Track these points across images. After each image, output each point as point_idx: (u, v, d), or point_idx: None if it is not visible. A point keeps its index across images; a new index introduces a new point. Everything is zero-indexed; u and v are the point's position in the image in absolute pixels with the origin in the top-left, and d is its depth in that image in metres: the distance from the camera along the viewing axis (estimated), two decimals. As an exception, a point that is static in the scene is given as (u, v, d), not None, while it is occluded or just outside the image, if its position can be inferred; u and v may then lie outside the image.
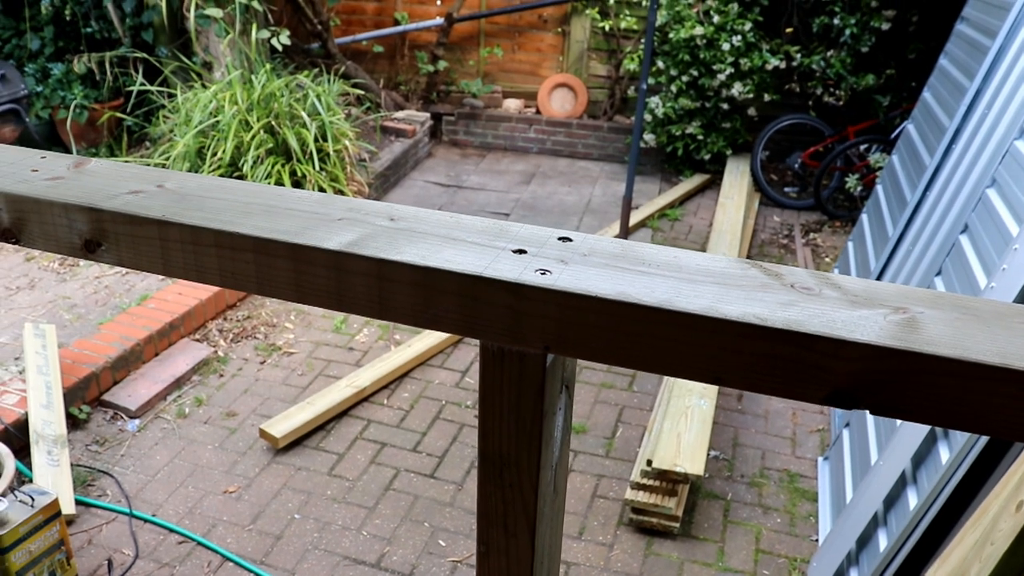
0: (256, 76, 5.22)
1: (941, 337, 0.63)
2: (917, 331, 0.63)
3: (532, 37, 7.43)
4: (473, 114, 7.43)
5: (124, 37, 6.02)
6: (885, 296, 0.68)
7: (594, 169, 7.13)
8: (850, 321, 0.64)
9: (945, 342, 0.62)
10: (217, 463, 3.43)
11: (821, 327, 0.63)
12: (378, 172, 6.05)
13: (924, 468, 2.53)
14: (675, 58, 6.40)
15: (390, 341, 4.33)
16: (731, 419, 3.82)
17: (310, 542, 3.07)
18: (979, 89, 3.49)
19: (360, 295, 0.71)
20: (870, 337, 0.62)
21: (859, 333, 0.62)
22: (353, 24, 7.62)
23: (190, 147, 4.98)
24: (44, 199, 0.83)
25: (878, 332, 0.63)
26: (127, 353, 3.86)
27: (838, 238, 5.82)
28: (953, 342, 0.62)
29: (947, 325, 0.65)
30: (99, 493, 3.26)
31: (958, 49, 4.15)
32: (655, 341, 0.65)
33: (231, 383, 3.94)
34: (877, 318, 0.65)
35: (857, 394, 0.63)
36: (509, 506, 0.77)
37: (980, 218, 2.89)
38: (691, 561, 3.06)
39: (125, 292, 4.50)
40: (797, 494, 3.39)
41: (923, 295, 0.69)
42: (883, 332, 0.63)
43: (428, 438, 3.65)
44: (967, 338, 0.63)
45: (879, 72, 6.08)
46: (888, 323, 0.64)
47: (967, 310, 0.68)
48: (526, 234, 0.75)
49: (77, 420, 3.59)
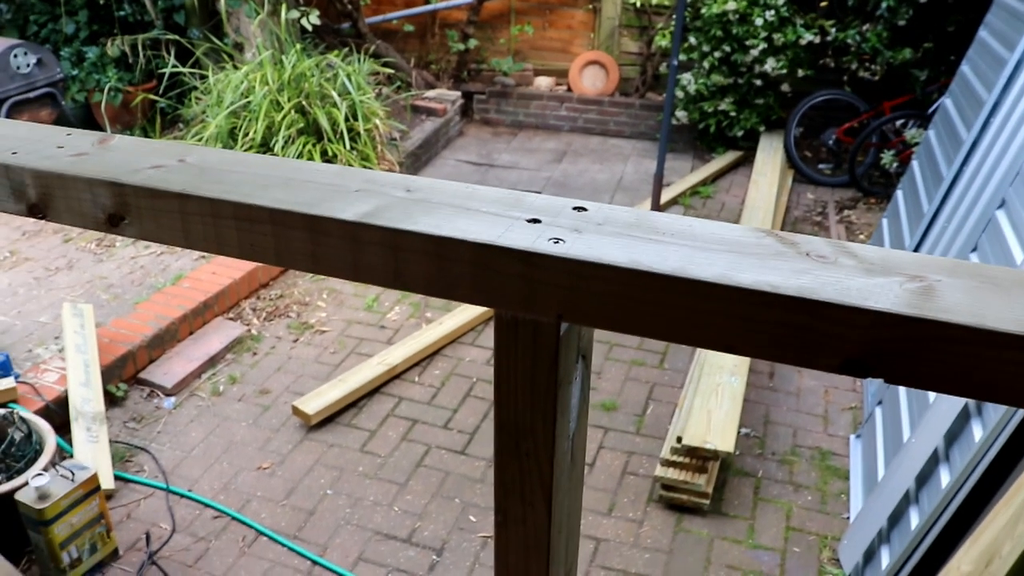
0: (286, 56, 5.24)
1: (957, 305, 0.62)
2: (933, 299, 0.63)
3: (563, 14, 7.37)
4: (504, 92, 7.40)
5: (156, 19, 6.07)
6: (902, 264, 0.68)
7: (626, 147, 7.09)
8: (864, 289, 0.63)
9: (961, 310, 0.62)
10: (251, 440, 3.49)
11: (834, 295, 0.62)
12: (409, 151, 6.07)
13: (957, 446, 2.51)
14: (707, 34, 6.32)
15: (421, 319, 4.36)
16: (762, 396, 3.80)
17: (342, 517, 3.11)
18: (1019, 61, 3.42)
19: (375, 265, 0.72)
20: (884, 305, 0.61)
21: (873, 301, 0.62)
22: (383, 3, 7.61)
23: (222, 128, 5.02)
24: (69, 174, 0.84)
25: (893, 300, 0.62)
26: (162, 332, 3.92)
27: (873, 215, 5.75)
28: (970, 310, 0.62)
29: (964, 293, 0.64)
30: (137, 469, 3.32)
31: (999, 20, 4.06)
32: (667, 310, 0.65)
33: (264, 361, 3.99)
34: (892, 286, 0.64)
35: (871, 362, 0.63)
36: (525, 476, 0.78)
37: (1018, 192, 2.83)
38: (721, 538, 3.06)
39: (160, 272, 4.57)
40: (828, 472, 3.37)
41: (942, 263, 0.68)
42: (898, 300, 0.62)
43: (459, 415, 3.68)
44: (984, 306, 0.62)
45: (916, 46, 5.96)
46: (904, 291, 0.63)
47: (986, 278, 0.67)
48: (541, 204, 0.75)
49: (115, 397, 3.66)
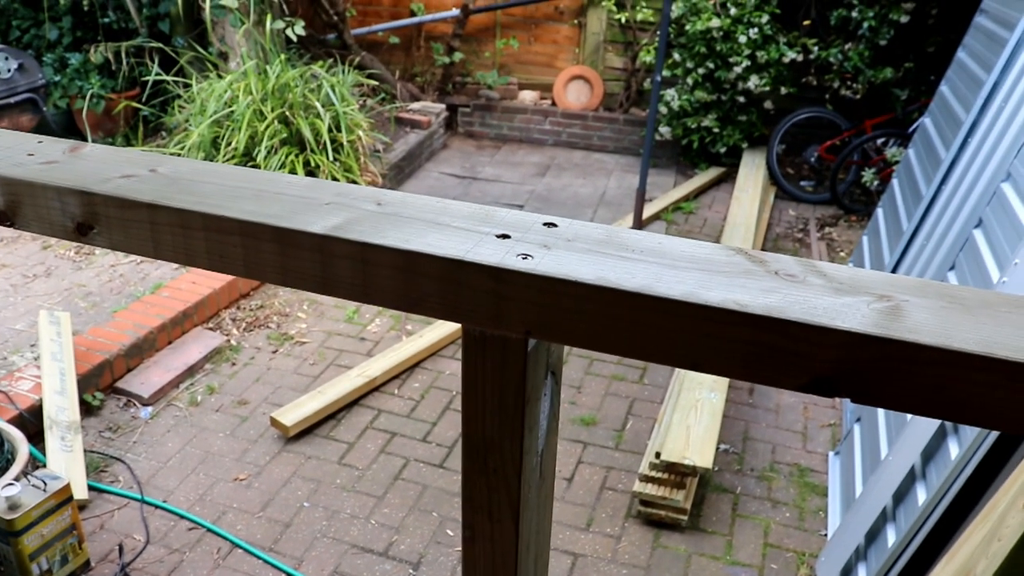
0: (271, 66, 5.24)
1: (924, 325, 0.62)
2: (900, 319, 0.63)
3: (548, 29, 7.41)
4: (489, 106, 7.42)
5: (141, 27, 6.05)
6: (870, 284, 0.68)
7: (609, 161, 7.11)
8: (832, 308, 0.63)
9: (928, 330, 0.62)
10: (228, 451, 3.46)
11: (802, 314, 0.62)
12: (392, 163, 6.06)
13: (934, 463, 2.52)
14: (691, 50, 6.36)
15: (402, 331, 4.34)
16: (742, 413, 3.81)
17: (319, 530, 3.09)
18: (996, 82, 3.45)
19: (344, 278, 0.72)
20: (851, 324, 0.62)
21: (840, 320, 0.62)
22: (369, 15, 7.62)
23: (205, 137, 5.01)
24: (38, 182, 0.84)
25: (860, 319, 0.62)
26: (140, 341, 3.89)
27: (854, 232, 5.78)
28: (936, 330, 0.62)
29: (931, 313, 0.64)
30: (111, 479, 3.29)
31: (976, 42, 4.11)
32: (634, 326, 0.65)
33: (243, 372, 3.96)
34: (860, 305, 0.64)
35: (838, 382, 0.63)
36: (493, 492, 0.77)
37: (994, 212, 2.86)
38: (699, 554, 3.05)
39: (140, 281, 4.53)
40: (807, 488, 3.37)
41: (910, 283, 0.69)
42: (865, 319, 0.62)
43: (438, 428, 3.66)
44: (951, 326, 0.63)
45: (897, 65, 6.02)
46: (871, 311, 0.64)
47: (954, 299, 0.67)
48: (512, 219, 0.75)
49: (90, 407, 3.63)
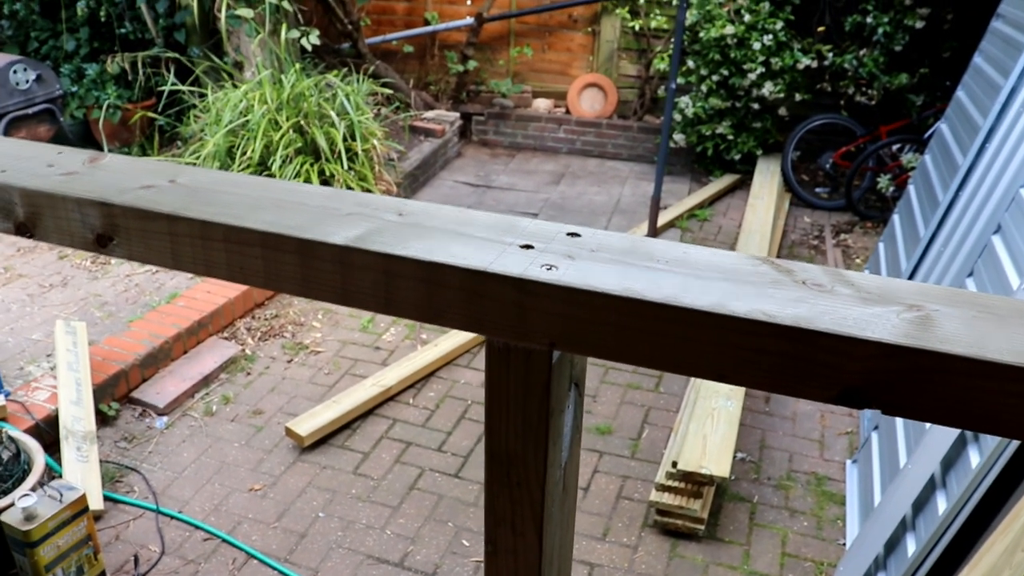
0: (286, 76, 5.26)
1: (956, 335, 0.61)
2: (931, 329, 0.62)
3: (562, 37, 7.41)
4: (503, 114, 7.43)
5: (157, 38, 6.09)
6: (900, 293, 0.67)
7: (624, 169, 7.10)
8: (861, 318, 0.62)
9: (960, 340, 0.61)
10: (243, 461, 3.46)
11: (831, 324, 0.61)
12: (407, 172, 6.07)
13: (954, 472, 2.49)
14: (705, 57, 6.35)
15: (416, 340, 4.34)
16: (758, 421, 3.78)
17: (334, 540, 3.08)
18: (1015, 87, 3.43)
19: (365, 290, 0.71)
20: (881, 335, 0.60)
21: (870, 331, 0.61)
22: (383, 24, 7.65)
23: (220, 146, 5.03)
24: (58, 194, 0.84)
25: (890, 330, 0.61)
26: (156, 351, 3.90)
27: (869, 239, 5.75)
28: (968, 340, 0.61)
29: (963, 323, 0.63)
30: (127, 489, 3.29)
31: (993, 47, 4.08)
32: (660, 338, 0.64)
33: (258, 381, 3.97)
34: (890, 315, 0.63)
35: (868, 393, 0.62)
36: (516, 505, 0.76)
37: (1013, 218, 2.83)
38: (716, 564, 3.03)
39: (155, 290, 4.55)
40: (824, 497, 3.35)
41: (940, 292, 0.68)
42: (895, 330, 0.61)
43: (453, 438, 3.65)
44: (983, 336, 0.61)
45: (912, 71, 5.99)
46: (901, 320, 0.63)
47: (985, 308, 0.66)
48: (535, 229, 0.74)
49: (106, 417, 3.64)
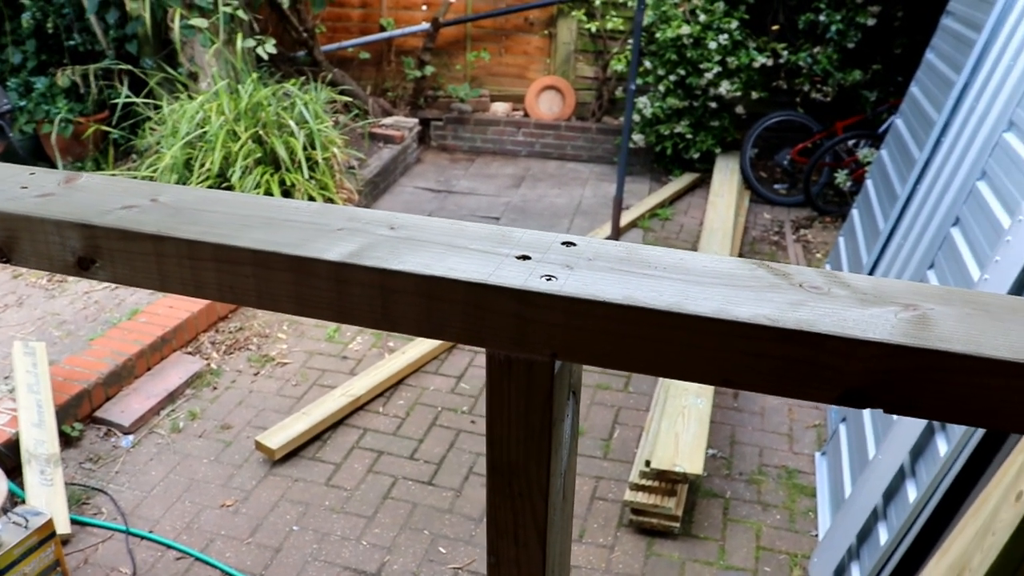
0: (243, 86, 5.20)
1: (953, 333, 0.62)
2: (929, 328, 0.63)
3: (519, 40, 7.42)
4: (461, 119, 7.42)
5: (108, 49, 5.99)
6: (895, 293, 0.68)
7: (583, 171, 7.13)
8: (861, 320, 0.63)
9: (958, 338, 0.62)
10: (213, 477, 3.41)
11: (833, 327, 0.62)
12: (367, 179, 6.04)
13: (923, 461, 2.53)
14: (662, 58, 6.40)
15: (384, 349, 4.32)
16: (728, 417, 3.82)
17: (309, 553, 3.05)
18: (967, 82, 3.50)
19: (362, 306, 0.70)
20: (882, 335, 0.61)
21: (871, 332, 0.61)
22: (339, 31, 7.60)
23: (177, 159, 4.96)
24: (35, 216, 0.82)
25: (890, 330, 0.62)
26: (119, 368, 3.83)
27: (828, 234, 5.84)
28: (966, 338, 0.62)
29: (959, 321, 0.64)
30: (94, 511, 3.23)
31: (944, 43, 4.17)
32: (664, 345, 0.64)
33: (225, 396, 3.91)
34: (888, 316, 0.64)
35: (870, 393, 0.62)
36: (519, 516, 0.76)
37: (971, 211, 2.89)
38: (692, 560, 3.05)
39: (115, 307, 4.47)
40: (796, 490, 3.39)
41: (933, 291, 0.69)
42: (895, 330, 0.62)
43: (425, 445, 3.64)
44: (979, 334, 0.62)
45: (865, 67, 6.10)
46: (899, 321, 0.63)
47: (978, 305, 0.67)
48: (529, 239, 0.74)
49: (70, 438, 3.56)
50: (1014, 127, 2.84)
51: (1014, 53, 3.11)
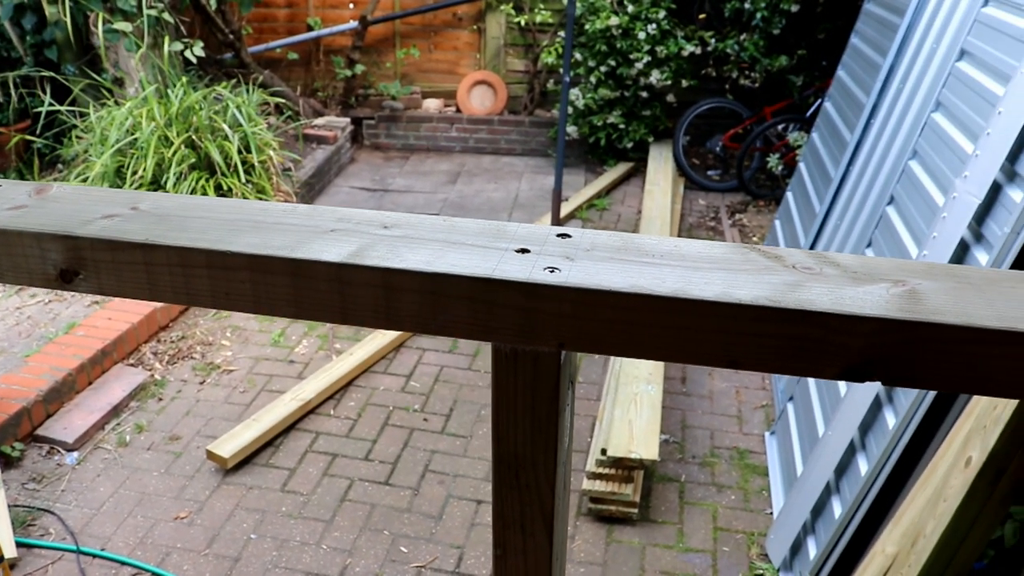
0: (172, 90, 5.09)
1: (944, 306, 0.65)
2: (920, 302, 0.65)
3: (448, 36, 7.41)
4: (393, 116, 7.37)
5: (25, 56, 5.79)
6: (883, 270, 0.70)
7: (519, 164, 7.15)
8: (857, 297, 0.65)
9: (948, 310, 0.64)
10: (165, 489, 3.34)
11: (831, 305, 0.64)
12: (303, 180, 5.97)
13: (872, 434, 2.61)
14: (592, 49, 6.45)
15: (331, 351, 4.28)
16: (677, 402, 3.88)
17: (269, 561, 3.01)
18: (892, 65, 3.61)
19: (366, 306, 0.70)
20: (879, 311, 0.64)
21: (868, 308, 0.64)
22: (265, 32, 7.49)
23: (108, 167, 4.83)
24: (12, 230, 0.79)
25: (884, 305, 0.64)
26: (59, 384, 3.72)
27: (763, 217, 5.96)
28: (956, 310, 0.64)
29: (947, 294, 0.67)
30: (41, 532, 3.13)
31: (868, 27, 4.28)
32: (670, 330, 0.65)
33: (171, 406, 3.83)
34: (881, 292, 0.66)
35: (871, 367, 0.65)
36: (526, 507, 0.77)
37: (905, 189, 2.99)
38: (652, 545, 3.09)
39: (50, 321, 4.34)
40: (748, 470, 3.46)
41: (916, 267, 0.71)
42: (889, 305, 0.64)
43: (379, 445, 3.62)
44: (967, 305, 0.65)
45: (791, 53, 6.24)
46: (892, 296, 0.66)
47: (960, 279, 0.70)
48: (525, 233, 0.74)
49: (10, 458, 3.45)
50: (941, 107, 2.95)
51: (936, 35, 3.22)
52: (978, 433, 2.05)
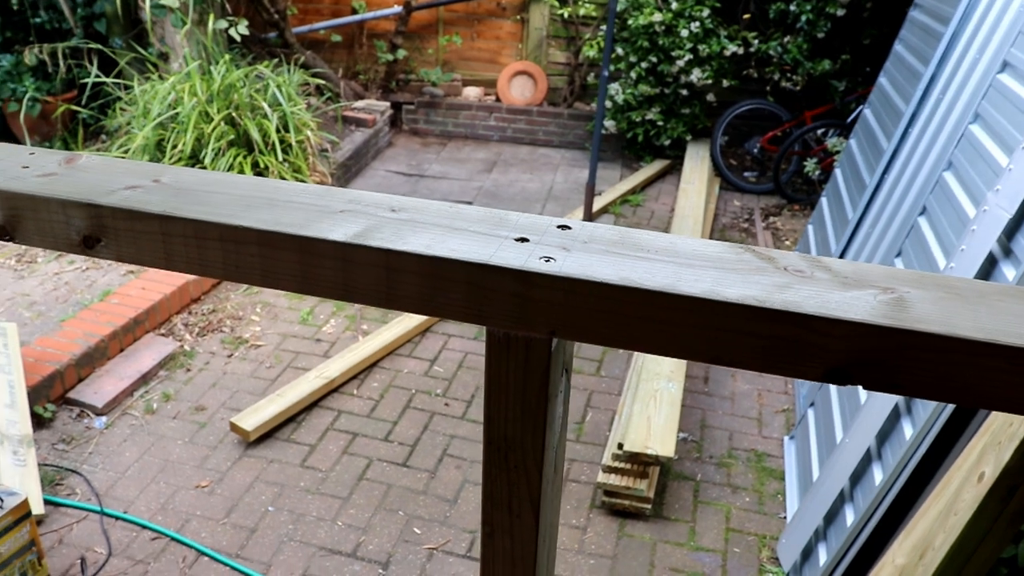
0: (215, 67, 5.16)
1: (929, 315, 0.66)
2: (906, 310, 0.67)
3: (491, 25, 7.42)
4: (433, 103, 7.41)
5: (76, 27, 5.91)
6: (873, 277, 0.71)
7: (555, 156, 7.16)
8: (843, 301, 0.67)
9: (933, 320, 0.66)
10: (188, 458, 3.41)
11: (817, 308, 0.66)
12: (340, 162, 6.02)
13: (888, 444, 2.60)
14: (634, 45, 6.44)
15: (358, 331, 4.33)
16: (698, 401, 3.88)
17: (285, 534, 3.07)
18: (934, 75, 3.57)
19: (367, 285, 0.73)
20: (863, 316, 0.65)
21: (853, 313, 0.65)
22: (310, 13, 7.55)
23: (149, 140, 4.91)
24: (40, 196, 0.83)
25: (870, 311, 0.66)
26: (91, 350, 3.81)
27: (797, 221, 5.92)
28: (940, 319, 0.66)
29: (933, 304, 0.68)
30: (68, 492, 3.22)
31: (912, 35, 4.24)
32: (657, 324, 0.67)
33: (199, 377, 3.91)
34: (868, 298, 0.68)
35: (852, 371, 0.66)
36: (514, 487, 0.79)
37: (938, 200, 2.96)
38: (663, 542, 3.11)
39: (86, 288, 4.44)
40: (765, 473, 3.46)
41: (907, 276, 0.73)
42: (875, 311, 0.66)
43: (399, 427, 3.66)
44: (953, 315, 0.66)
45: (835, 57, 6.18)
46: (879, 303, 0.67)
47: (950, 289, 0.71)
48: (525, 222, 0.77)
49: (42, 419, 3.54)
50: (980, 119, 2.91)
51: (980, 46, 3.18)
52: (992, 449, 2.04)
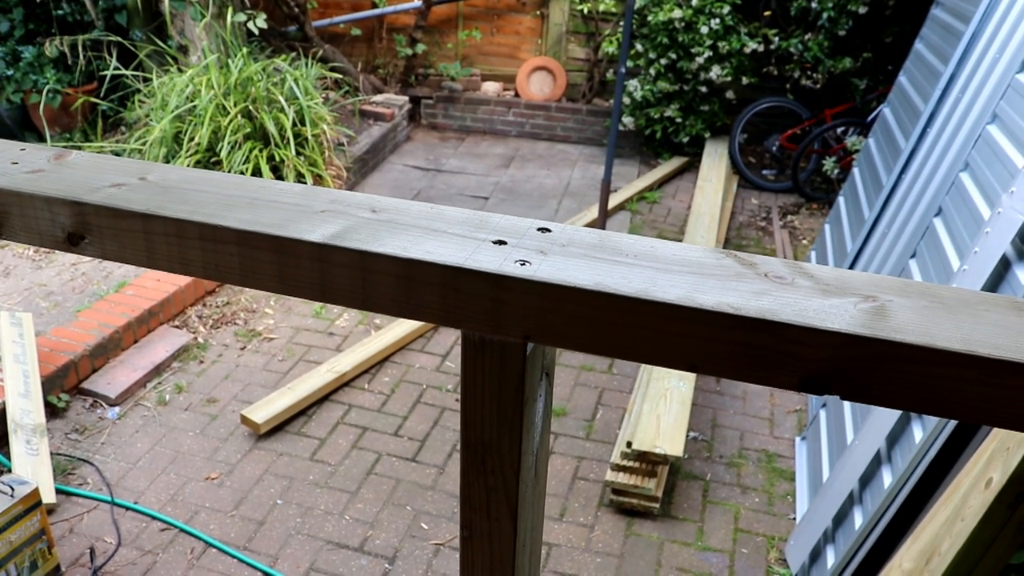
0: (233, 60, 5.18)
1: (908, 325, 0.65)
2: (886, 319, 0.65)
3: (510, 20, 7.41)
4: (452, 97, 7.41)
5: (97, 20, 5.95)
6: (856, 285, 0.70)
7: (573, 152, 7.14)
8: (821, 310, 0.66)
9: (912, 329, 0.64)
10: (199, 449, 3.44)
11: (793, 316, 0.65)
12: (357, 156, 6.04)
13: (898, 447, 2.58)
14: (654, 41, 6.40)
15: (370, 326, 4.34)
16: (710, 400, 3.86)
17: (293, 527, 3.08)
18: (953, 74, 3.53)
19: (343, 287, 0.73)
20: (840, 325, 0.64)
21: (830, 321, 0.64)
22: (330, 7, 7.56)
23: (167, 132, 4.94)
24: (26, 192, 0.83)
25: (848, 320, 0.65)
26: (106, 340, 3.84)
27: (815, 220, 5.87)
28: (920, 329, 0.64)
29: (915, 313, 0.67)
30: (80, 482, 3.25)
31: (933, 34, 4.19)
32: (632, 330, 0.67)
33: (211, 369, 3.93)
34: (847, 306, 0.67)
35: (828, 380, 0.65)
36: (491, 492, 0.79)
37: (953, 201, 2.93)
38: (671, 541, 3.10)
39: (102, 279, 4.47)
40: (775, 474, 3.43)
41: (893, 283, 0.71)
42: (853, 320, 0.65)
43: (409, 422, 3.67)
44: (933, 325, 0.65)
45: (856, 55, 6.12)
46: (858, 311, 0.66)
47: (934, 298, 0.70)
48: (506, 225, 0.76)
49: (56, 409, 3.58)
50: (997, 119, 2.87)
51: (1000, 46, 3.13)
52: (1000, 455, 2.02)
